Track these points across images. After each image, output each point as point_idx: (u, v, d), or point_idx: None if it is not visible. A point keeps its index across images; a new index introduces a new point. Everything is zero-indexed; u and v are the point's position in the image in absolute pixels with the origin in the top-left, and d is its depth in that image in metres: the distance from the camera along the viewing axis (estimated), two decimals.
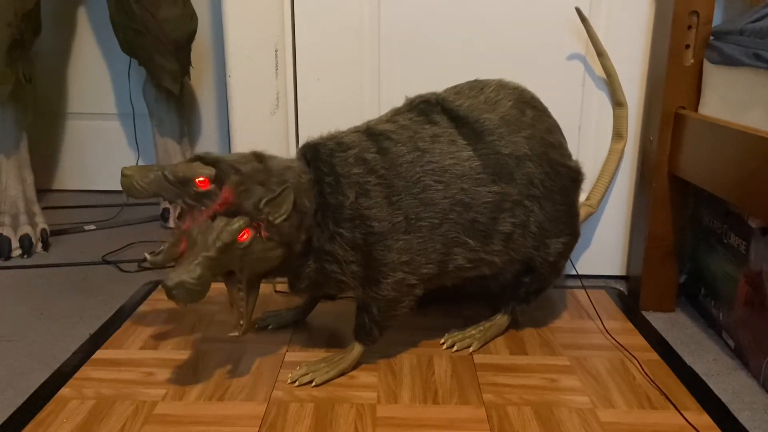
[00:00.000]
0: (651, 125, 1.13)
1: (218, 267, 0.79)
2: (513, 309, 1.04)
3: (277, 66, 1.18)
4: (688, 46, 1.06)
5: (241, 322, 0.85)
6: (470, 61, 1.18)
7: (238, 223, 0.79)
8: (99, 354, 0.98)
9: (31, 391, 0.88)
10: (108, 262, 1.37)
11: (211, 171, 0.82)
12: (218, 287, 1.12)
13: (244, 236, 0.80)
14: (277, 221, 0.81)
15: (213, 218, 0.81)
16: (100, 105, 1.86)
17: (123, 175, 0.83)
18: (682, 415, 0.84)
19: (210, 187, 0.81)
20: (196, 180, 0.81)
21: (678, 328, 1.10)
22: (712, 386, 0.91)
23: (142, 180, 0.83)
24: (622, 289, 1.24)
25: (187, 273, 0.76)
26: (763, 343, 0.92)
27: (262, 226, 0.81)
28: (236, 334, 0.85)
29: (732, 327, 1.02)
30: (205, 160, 0.84)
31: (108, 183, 1.90)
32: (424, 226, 0.87)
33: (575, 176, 0.99)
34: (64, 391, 0.88)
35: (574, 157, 1.01)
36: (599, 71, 1.17)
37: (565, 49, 1.17)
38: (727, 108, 0.98)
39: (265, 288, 1.22)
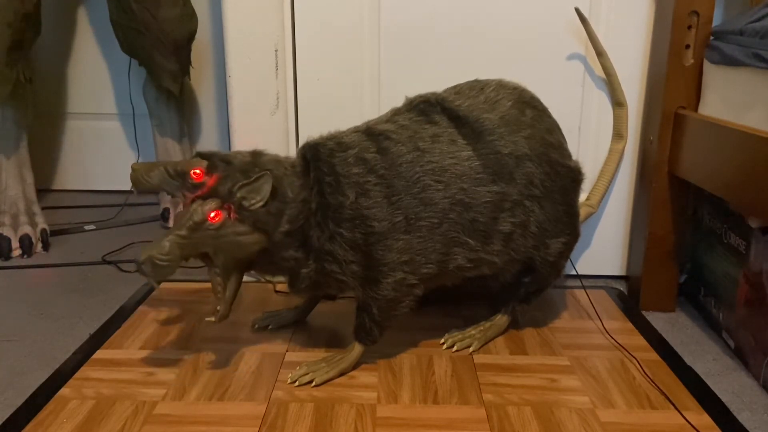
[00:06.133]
0: (651, 125, 1.13)
1: (189, 246, 0.81)
2: (513, 309, 1.04)
3: (277, 66, 1.18)
4: (688, 46, 1.06)
5: (219, 307, 0.85)
6: (470, 61, 1.18)
7: (209, 204, 0.82)
8: (99, 354, 0.98)
9: (31, 391, 0.88)
10: (108, 262, 1.37)
11: (204, 163, 0.86)
12: None
13: (216, 218, 0.82)
14: (254, 207, 0.82)
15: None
16: (100, 105, 1.86)
17: (132, 170, 0.90)
18: (682, 415, 0.84)
19: (204, 178, 0.86)
20: (192, 172, 0.86)
21: (678, 328, 1.10)
22: (712, 386, 0.91)
23: (147, 174, 0.89)
24: (622, 289, 1.24)
25: (156, 249, 0.79)
26: (763, 343, 0.92)
27: (232, 208, 0.82)
28: (212, 319, 0.86)
29: (732, 327, 1.02)
30: (203, 155, 0.88)
31: (108, 183, 1.90)
32: (424, 225, 0.87)
33: (575, 176, 0.99)
34: (64, 391, 0.88)
35: (574, 157, 1.01)
36: (599, 71, 1.17)
37: (565, 49, 1.17)
38: (727, 108, 0.98)
39: (265, 288, 1.22)
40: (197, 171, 0.85)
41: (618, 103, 1.17)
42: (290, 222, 0.85)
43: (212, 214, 0.81)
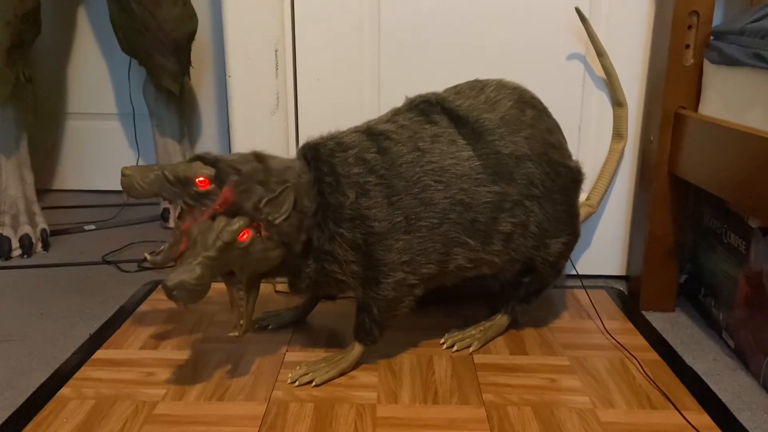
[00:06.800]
0: (651, 125, 1.13)
1: (218, 267, 0.79)
2: (513, 309, 1.04)
3: (277, 66, 1.18)
4: (688, 46, 1.06)
5: (241, 321, 0.85)
6: (470, 61, 1.18)
7: (238, 223, 0.80)
8: (99, 354, 0.98)
9: (31, 391, 0.88)
10: (108, 262, 1.37)
11: (211, 171, 0.82)
12: (218, 287, 1.13)
13: (244, 236, 0.80)
14: (277, 221, 0.81)
15: (213, 218, 0.81)
16: (100, 105, 1.86)
17: (123, 175, 0.83)
18: (682, 415, 0.84)
19: (210, 187, 0.82)
20: (197, 180, 0.82)
21: (678, 328, 1.10)
22: (712, 386, 0.91)
23: (142, 180, 0.83)
24: (622, 289, 1.24)
25: (187, 273, 0.76)
26: (763, 343, 0.92)
27: (261, 225, 0.81)
28: (236, 334, 0.85)
29: (732, 327, 1.02)
30: (205, 159, 0.84)
31: (108, 183, 1.90)
32: (424, 226, 0.87)
33: (575, 176, 0.99)
34: (64, 391, 0.88)
35: (574, 157, 1.01)
36: (599, 71, 1.17)
37: (565, 49, 1.17)
38: (727, 108, 0.98)
39: (265, 288, 1.22)
40: (202, 179, 0.81)
41: (618, 103, 1.17)
42: (307, 231, 0.85)
43: (243, 234, 0.79)
